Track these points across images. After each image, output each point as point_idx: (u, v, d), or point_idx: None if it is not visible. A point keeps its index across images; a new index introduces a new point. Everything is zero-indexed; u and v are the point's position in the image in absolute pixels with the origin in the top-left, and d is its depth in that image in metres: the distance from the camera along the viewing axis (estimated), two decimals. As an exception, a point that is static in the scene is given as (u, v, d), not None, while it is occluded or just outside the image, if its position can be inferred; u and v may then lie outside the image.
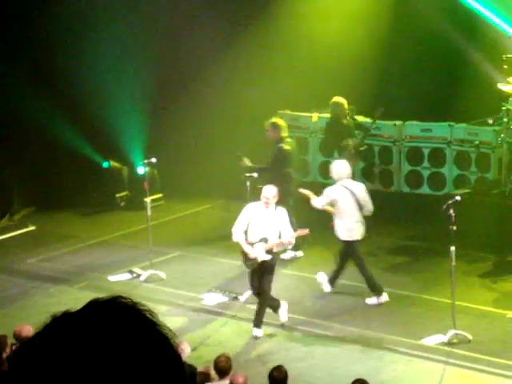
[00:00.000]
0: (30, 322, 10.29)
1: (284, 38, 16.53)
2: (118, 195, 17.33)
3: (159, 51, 16.64)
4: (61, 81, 16.24)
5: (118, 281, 13.40)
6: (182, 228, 15.95)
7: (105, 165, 17.49)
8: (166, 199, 17.16)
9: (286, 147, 13.94)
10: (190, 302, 12.54)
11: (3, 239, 15.51)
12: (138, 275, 13.47)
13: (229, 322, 11.87)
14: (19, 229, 16.01)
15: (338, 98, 14.79)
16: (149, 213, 13.73)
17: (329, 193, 12.50)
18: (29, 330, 9.41)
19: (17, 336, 9.32)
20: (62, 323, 1.49)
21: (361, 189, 12.57)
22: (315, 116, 16.68)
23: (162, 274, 13.42)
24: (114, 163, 17.49)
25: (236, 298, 12.52)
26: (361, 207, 12.41)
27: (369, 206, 12.47)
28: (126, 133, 16.78)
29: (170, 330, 1.52)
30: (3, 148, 16.13)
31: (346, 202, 12.36)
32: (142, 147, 16.77)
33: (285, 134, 13.98)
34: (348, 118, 14.86)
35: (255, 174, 12.91)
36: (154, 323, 1.51)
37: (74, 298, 12.67)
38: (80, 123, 16.50)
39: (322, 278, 12.63)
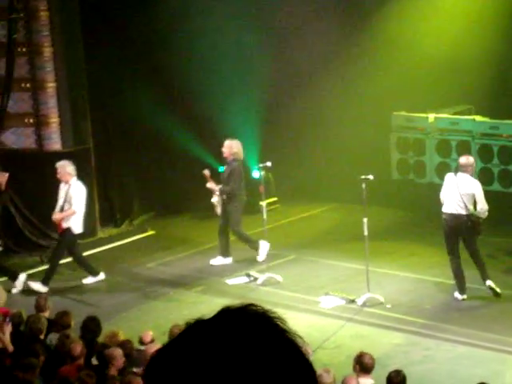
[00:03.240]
0: (150, 326, 10.52)
1: (400, 38, 16.34)
2: (233, 199, 17.45)
3: (274, 51, 16.69)
4: (178, 84, 16.46)
5: (235, 284, 13.51)
6: (297, 231, 15.97)
7: (220, 169, 17.67)
8: (282, 203, 17.22)
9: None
10: (306, 304, 12.53)
11: (123, 244, 15.85)
12: (255, 278, 13.55)
13: (346, 325, 11.81)
14: (139, 233, 16.34)
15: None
16: (264, 216, 13.81)
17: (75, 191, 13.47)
18: (149, 336, 9.67)
19: (140, 341, 9.58)
20: (197, 331, 1.51)
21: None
22: (432, 116, 16.49)
23: (279, 277, 13.47)
24: (229, 167, 17.62)
25: (353, 301, 12.45)
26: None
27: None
28: (240, 137, 16.90)
29: (301, 338, 1.52)
30: (123, 153, 16.49)
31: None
32: (256, 151, 16.87)
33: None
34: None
35: (371, 176, 12.79)
36: (285, 331, 1.51)
37: (193, 302, 12.84)
38: (196, 128, 16.72)
39: None
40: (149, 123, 16.25)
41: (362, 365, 8.70)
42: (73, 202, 13.33)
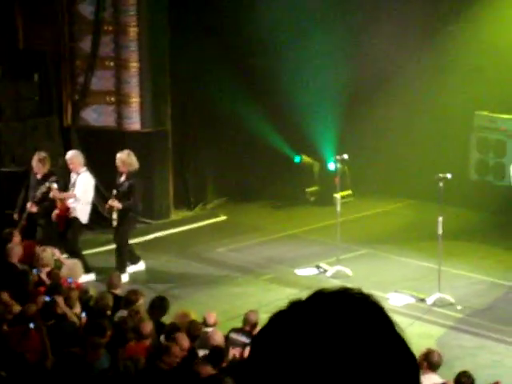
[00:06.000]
0: (217, 310, 10.50)
1: (487, 38, 16.00)
2: (307, 190, 17.42)
3: (356, 49, 16.50)
4: (259, 72, 16.40)
5: (304, 275, 13.44)
6: (370, 226, 15.82)
7: (296, 159, 17.61)
8: (356, 196, 17.07)
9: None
10: (375, 300, 12.38)
11: (195, 227, 15.91)
12: (325, 270, 13.47)
13: (414, 323, 11.64)
14: (211, 218, 16.38)
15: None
16: (338, 209, 13.70)
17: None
18: (212, 317, 9.68)
19: (204, 322, 9.58)
20: (302, 312, 1.44)
21: None
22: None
23: (349, 271, 13.35)
24: (305, 158, 17.58)
25: (423, 300, 12.27)
26: None
27: None
28: (318, 128, 16.80)
29: (403, 330, 1.44)
30: (200, 137, 16.53)
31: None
32: (333, 143, 16.74)
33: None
34: None
35: (448, 175, 12.56)
36: (391, 320, 1.44)
37: (261, 289, 12.82)
38: (275, 117, 16.66)
39: None
40: (228, 109, 16.25)
41: (431, 362, 8.55)
42: (76, 188, 13.17)
